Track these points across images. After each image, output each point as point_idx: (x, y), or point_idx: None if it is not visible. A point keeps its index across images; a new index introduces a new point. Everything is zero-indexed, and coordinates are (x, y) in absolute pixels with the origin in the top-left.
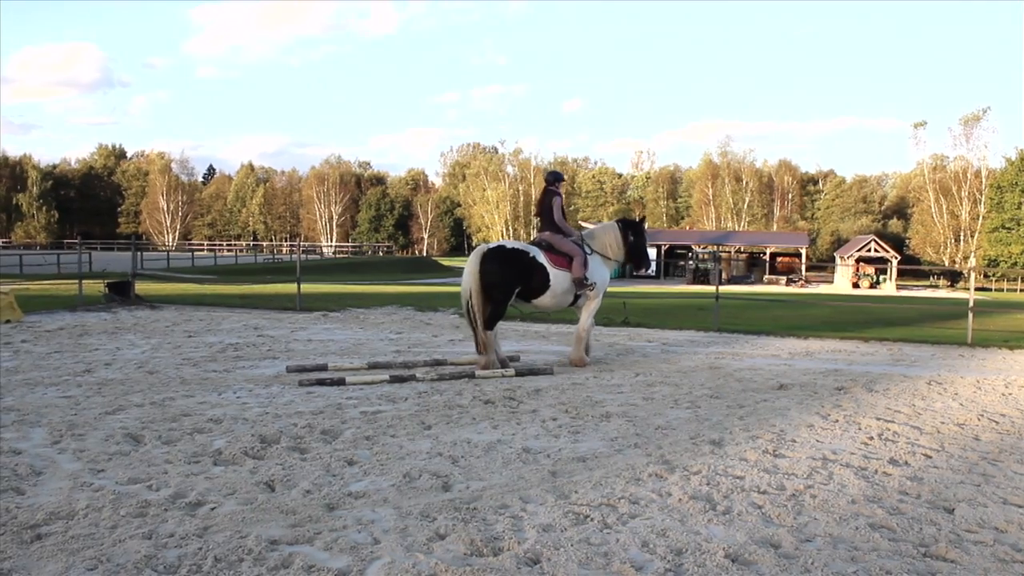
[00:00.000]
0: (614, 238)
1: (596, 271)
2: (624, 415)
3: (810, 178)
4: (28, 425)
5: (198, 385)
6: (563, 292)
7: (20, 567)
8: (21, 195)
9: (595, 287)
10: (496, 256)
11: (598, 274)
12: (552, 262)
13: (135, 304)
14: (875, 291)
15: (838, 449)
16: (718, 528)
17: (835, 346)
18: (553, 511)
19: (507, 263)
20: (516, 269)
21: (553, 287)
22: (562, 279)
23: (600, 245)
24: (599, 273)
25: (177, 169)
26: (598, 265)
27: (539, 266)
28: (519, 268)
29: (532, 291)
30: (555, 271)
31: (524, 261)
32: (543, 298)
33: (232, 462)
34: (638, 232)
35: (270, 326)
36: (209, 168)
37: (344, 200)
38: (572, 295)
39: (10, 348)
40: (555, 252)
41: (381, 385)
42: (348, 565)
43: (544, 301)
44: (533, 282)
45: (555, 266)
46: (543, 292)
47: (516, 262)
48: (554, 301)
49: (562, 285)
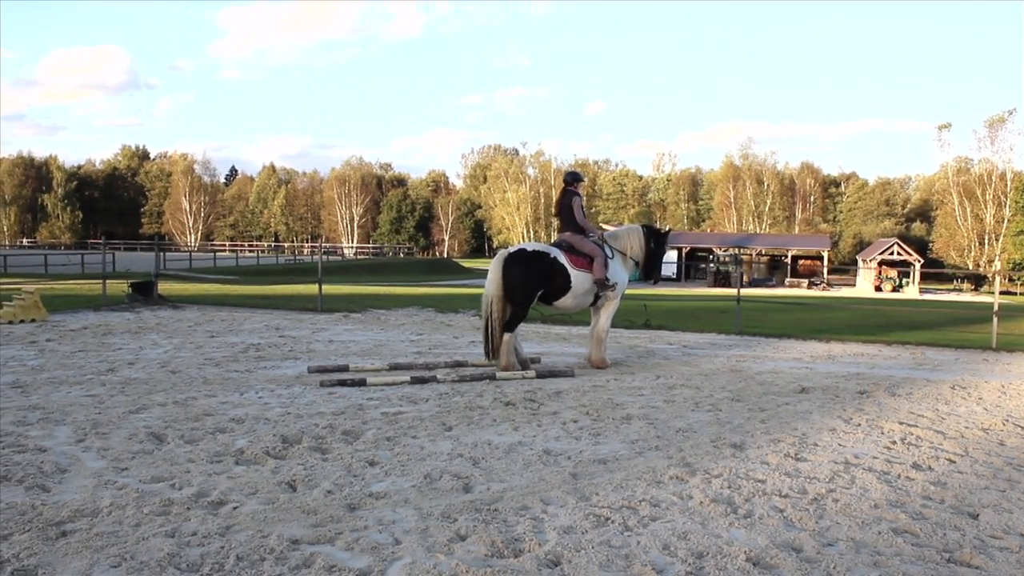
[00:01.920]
0: (637, 241)
1: (616, 272)
2: (645, 417)
3: (832, 180)
4: (53, 423)
5: (220, 385)
6: (584, 293)
7: (46, 563)
8: (46, 195)
9: (616, 288)
10: (518, 259)
11: (618, 275)
12: (573, 263)
13: (158, 304)
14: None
15: (860, 453)
16: (739, 531)
17: (857, 350)
18: (574, 513)
19: (529, 266)
20: (538, 272)
21: (574, 288)
22: (583, 280)
23: (622, 246)
24: (619, 275)
25: (199, 170)
26: (618, 267)
27: (560, 268)
28: (541, 270)
29: (554, 293)
30: (576, 272)
31: (546, 263)
32: (564, 299)
33: (254, 462)
34: (660, 242)
35: (292, 327)
36: (231, 169)
37: (365, 201)
38: (592, 296)
39: (35, 347)
40: (576, 253)
41: (402, 386)
42: (369, 565)
43: (565, 303)
44: (555, 284)
45: (576, 267)
46: (564, 294)
47: (538, 264)
48: (575, 302)
49: (583, 286)
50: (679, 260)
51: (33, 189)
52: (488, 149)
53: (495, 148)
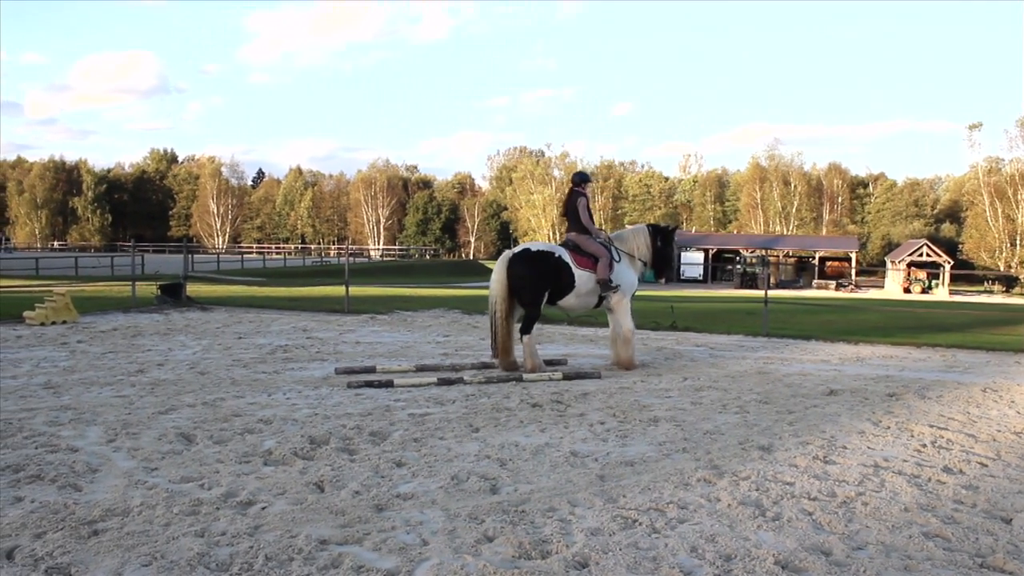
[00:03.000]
0: (644, 241)
1: (623, 274)
2: (672, 419)
3: (860, 181)
4: (84, 423)
5: (248, 386)
6: (587, 293)
7: (78, 561)
8: (76, 199)
9: (619, 289)
10: (523, 259)
11: (625, 277)
12: (577, 263)
13: (186, 306)
14: (927, 296)
15: (890, 456)
16: (768, 534)
17: (886, 352)
18: (601, 515)
19: (534, 265)
20: (543, 271)
21: (578, 287)
22: (586, 280)
23: (629, 247)
24: (626, 276)
25: (227, 173)
26: (625, 268)
27: (565, 267)
28: (546, 269)
29: (558, 292)
30: (580, 272)
31: (551, 262)
32: (568, 299)
33: (282, 462)
34: (667, 240)
35: (319, 328)
36: (258, 172)
37: (391, 203)
38: (596, 296)
39: (66, 348)
40: (581, 253)
41: (429, 387)
42: (397, 566)
43: (569, 302)
44: (560, 283)
45: (580, 267)
46: (568, 293)
47: (543, 264)
48: (578, 302)
49: (586, 286)
50: (705, 262)
51: (64, 193)
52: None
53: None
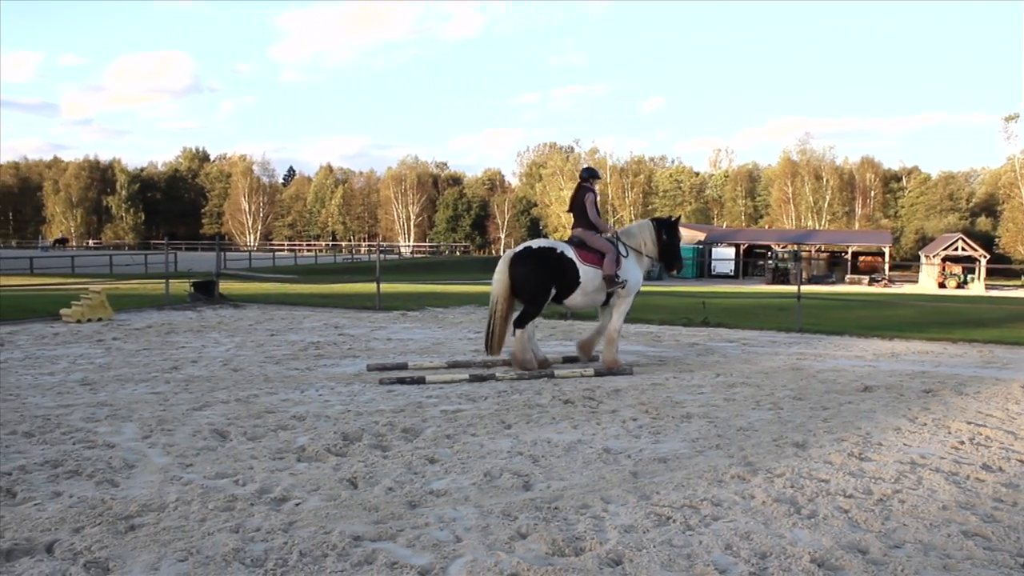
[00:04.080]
0: (649, 236)
1: (629, 270)
2: (705, 416)
3: (893, 175)
4: (120, 420)
5: (281, 383)
6: (594, 290)
7: (116, 556)
8: (110, 197)
9: (626, 286)
10: (524, 257)
11: (631, 273)
12: (583, 259)
13: (219, 303)
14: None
15: (927, 453)
16: (803, 532)
17: (921, 347)
18: (635, 512)
19: (536, 263)
20: (546, 268)
21: (583, 285)
22: (592, 276)
23: (635, 242)
24: (632, 272)
25: (258, 171)
26: (632, 264)
27: (569, 263)
28: (548, 268)
29: (563, 290)
30: (585, 268)
31: (552, 260)
32: (574, 296)
33: (315, 459)
34: (672, 232)
35: (350, 325)
36: (289, 170)
37: (421, 200)
38: (603, 293)
39: (102, 345)
40: (587, 249)
41: (461, 384)
42: (431, 562)
43: (575, 300)
44: (564, 281)
45: (585, 263)
46: (574, 290)
47: (545, 261)
48: (585, 300)
49: (593, 283)
50: (736, 257)
51: (98, 192)
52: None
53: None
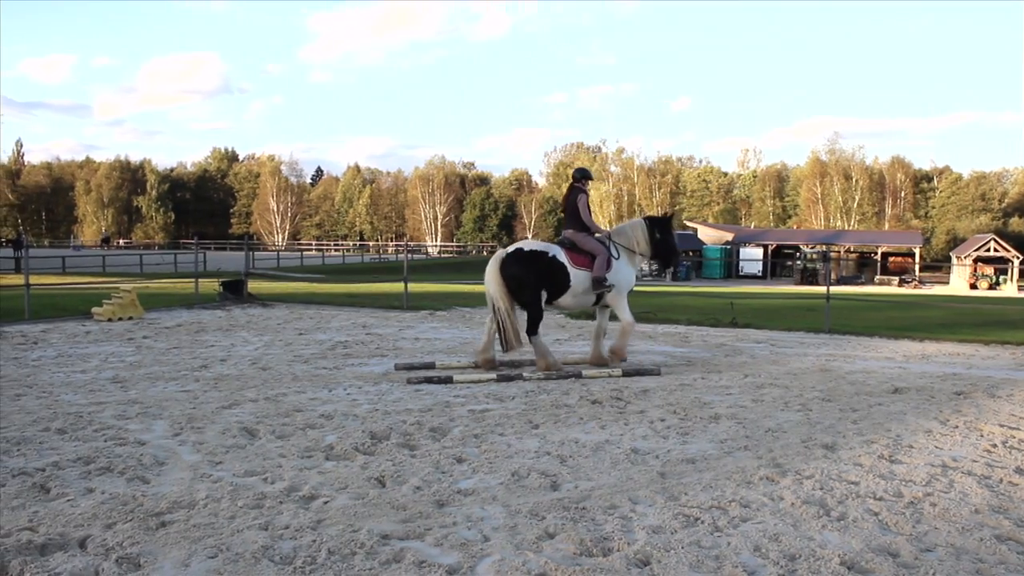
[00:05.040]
0: (641, 235)
1: (620, 271)
2: (733, 417)
3: (924, 175)
4: (151, 417)
5: (309, 381)
6: (584, 292)
7: (147, 552)
8: (141, 197)
9: (613, 288)
10: (517, 259)
11: (622, 274)
12: (573, 261)
13: (248, 302)
14: (995, 292)
15: (959, 456)
16: (833, 534)
17: (953, 349)
18: (663, 512)
19: (528, 265)
20: (537, 270)
21: (574, 287)
22: (583, 279)
23: (627, 241)
24: (624, 273)
25: (286, 171)
26: (624, 265)
27: (559, 266)
28: (540, 269)
29: (553, 291)
30: (576, 270)
31: (544, 261)
32: (564, 298)
33: (343, 457)
34: (665, 229)
35: (378, 324)
36: (317, 170)
37: (448, 200)
38: (592, 295)
39: (132, 344)
40: (577, 251)
41: (488, 384)
42: (458, 561)
43: (565, 301)
44: (554, 282)
45: (576, 265)
46: (564, 292)
47: (536, 263)
48: (575, 301)
49: (583, 285)
50: (764, 258)
51: (129, 192)
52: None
53: (577, 146)
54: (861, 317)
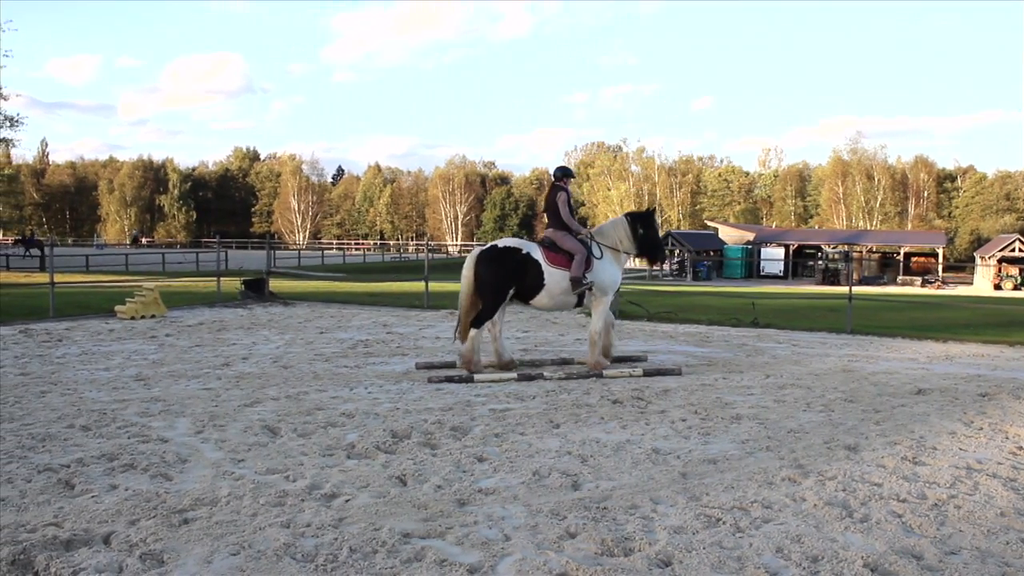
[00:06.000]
0: (624, 232)
1: (603, 270)
2: (755, 417)
3: (947, 175)
4: (174, 415)
5: (330, 380)
6: (561, 293)
7: (170, 549)
8: (163, 196)
9: (595, 287)
10: (488, 257)
11: (605, 274)
12: (550, 260)
13: (269, 301)
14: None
15: (983, 458)
16: (856, 536)
17: (977, 350)
18: (684, 513)
19: (497, 263)
20: (507, 268)
21: (549, 287)
22: (560, 279)
23: (610, 240)
24: (607, 273)
25: (307, 170)
26: (607, 264)
27: (533, 264)
28: (510, 267)
29: (527, 291)
30: (551, 270)
31: (516, 259)
32: (539, 298)
33: (365, 456)
34: (648, 225)
35: (399, 323)
36: (338, 169)
37: (469, 200)
38: (573, 296)
39: (155, 341)
40: (556, 250)
41: (509, 383)
42: (480, 560)
43: (541, 301)
44: (526, 282)
45: (552, 264)
46: (538, 292)
47: (507, 261)
48: (552, 302)
49: (560, 285)
50: (786, 258)
51: (151, 191)
52: (591, 146)
53: (598, 145)
54: (883, 318)
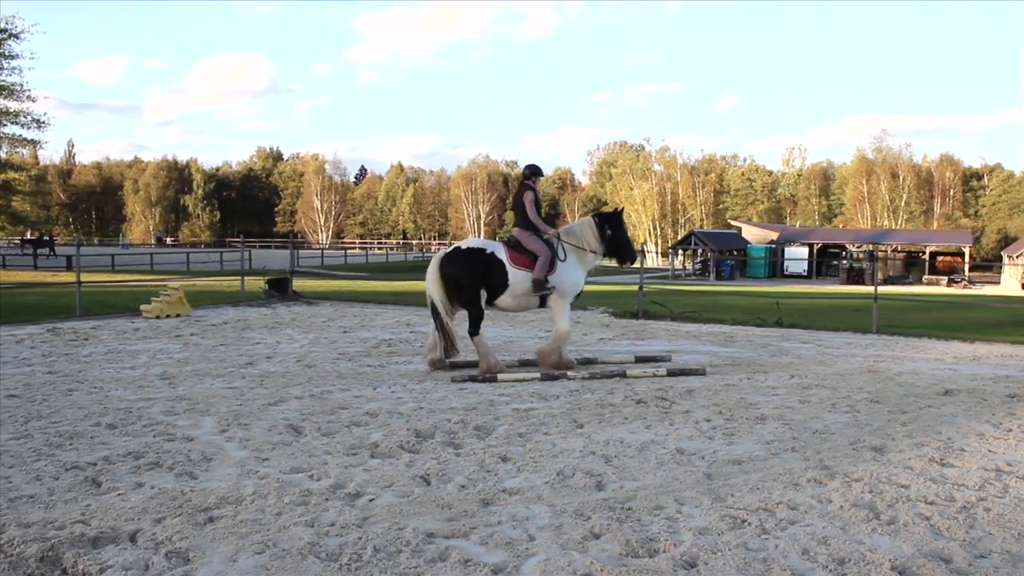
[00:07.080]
0: (592, 233)
1: (566, 273)
2: (780, 418)
3: (974, 173)
4: (199, 414)
5: (354, 379)
6: (523, 293)
7: (196, 547)
8: (187, 196)
9: (558, 290)
10: (452, 258)
11: (568, 276)
12: (514, 261)
13: (293, 300)
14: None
15: (1013, 460)
16: (883, 538)
17: (1005, 351)
18: (709, 514)
19: (462, 264)
20: (472, 268)
21: (512, 287)
22: (523, 280)
23: (577, 240)
24: (570, 275)
25: (330, 170)
26: (572, 266)
27: (497, 265)
28: (476, 267)
29: (491, 291)
30: (515, 270)
31: (481, 260)
32: (503, 298)
33: (388, 455)
34: (615, 225)
35: (422, 322)
36: (361, 169)
37: (491, 199)
38: (536, 297)
39: (180, 340)
40: (520, 251)
41: (532, 383)
42: (504, 561)
43: (504, 302)
44: (491, 282)
45: (516, 265)
46: (502, 292)
47: (472, 261)
48: (515, 302)
49: (522, 286)
50: (810, 257)
51: (176, 191)
52: (614, 146)
53: (621, 144)
54: (909, 317)
